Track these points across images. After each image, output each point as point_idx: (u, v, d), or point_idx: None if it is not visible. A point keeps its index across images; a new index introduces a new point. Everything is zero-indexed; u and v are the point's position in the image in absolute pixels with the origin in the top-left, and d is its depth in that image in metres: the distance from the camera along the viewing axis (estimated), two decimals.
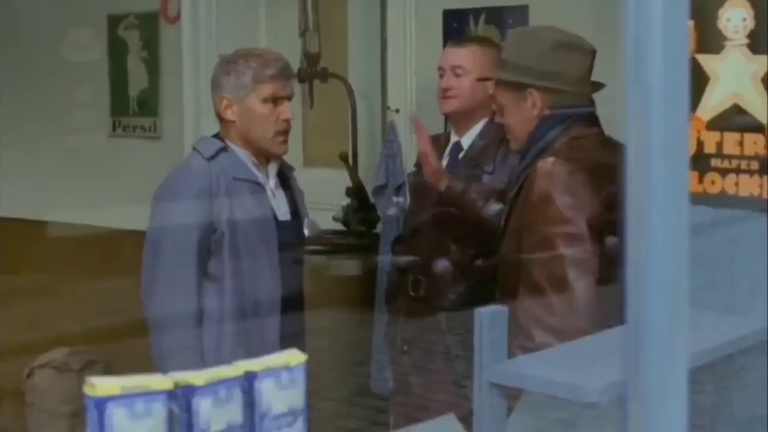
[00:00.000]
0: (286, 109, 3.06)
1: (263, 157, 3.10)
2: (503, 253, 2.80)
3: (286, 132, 3.08)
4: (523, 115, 2.79)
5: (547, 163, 2.63)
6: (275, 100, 3.05)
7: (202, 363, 2.89)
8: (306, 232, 3.21)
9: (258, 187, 3.06)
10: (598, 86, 2.84)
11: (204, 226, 2.96)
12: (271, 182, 3.12)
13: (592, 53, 2.80)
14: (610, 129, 2.81)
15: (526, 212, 2.65)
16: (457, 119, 3.44)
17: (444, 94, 3.41)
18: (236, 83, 3.04)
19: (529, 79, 2.77)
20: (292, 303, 3.09)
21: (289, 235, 3.12)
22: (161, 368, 2.98)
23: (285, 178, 3.19)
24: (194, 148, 3.12)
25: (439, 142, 3.47)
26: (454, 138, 3.45)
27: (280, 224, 3.08)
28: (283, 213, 3.12)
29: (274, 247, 3.04)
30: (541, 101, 2.76)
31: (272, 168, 3.13)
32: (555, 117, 2.75)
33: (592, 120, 2.81)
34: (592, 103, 2.84)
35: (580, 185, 2.59)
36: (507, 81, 2.82)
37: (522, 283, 2.61)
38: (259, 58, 3.08)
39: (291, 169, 3.28)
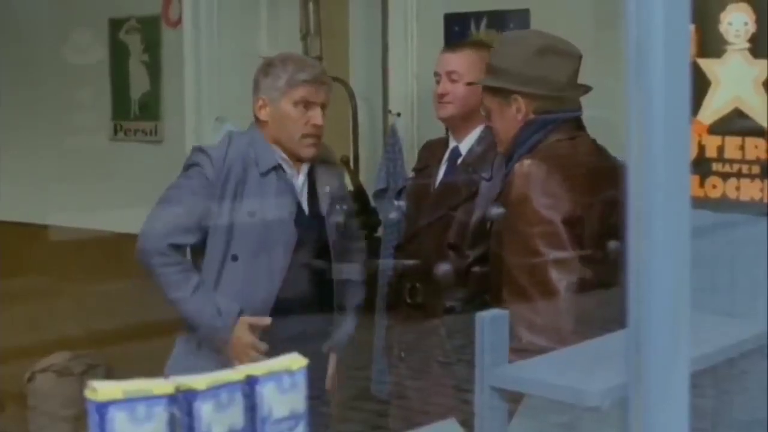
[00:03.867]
0: (316, 115, 3.12)
1: (292, 157, 3.16)
2: (490, 256, 2.83)
3: (314, 136, 3.14)
4: (508, 119, 2.83)
5: (524, 164, 2.67)
6: (306, 105, 3.12)
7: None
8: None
9: (285, 184, 3.13)
10: (584, 90, 2.86)
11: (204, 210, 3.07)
12: (300, 180, 3.17)
13: (578, 57, 2.83)
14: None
15: (506, 213, 2.69)
16: (455, 124, 3.45)
17: (440, 99, 3.42)
18: (272, 85, 3.13)
19: (513, 85, 2.81)
20: (308, 295, 3.15)
21: (309, 232, 3.17)
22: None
23: (313, 180, 3.22)
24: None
25: (438, 147, 3.49)
26: (452, 143, 3.46)
27: (304, 219, 3.15)
28: (307, 210, 3.19)
29: (293, 238, 3.10)
30: (526, 106, 2.80)
31: (303, 168, 3.19)
32: (539, 121, 2.79)
33: (578, 123, 2.84)
34: (578, 106, 2.86)
35: (558, 185, 2.62)
36: (493, 86, 2.85)
37: (505, 284, 2.64)
38: (296, 63, 3.18)
39: (333, 161, 3.35)
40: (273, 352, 1.14)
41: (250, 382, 1.05)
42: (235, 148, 3.10)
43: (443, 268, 3.28)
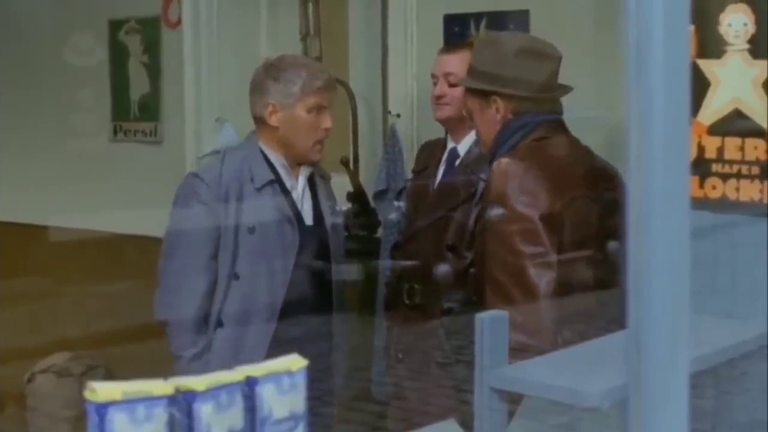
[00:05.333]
0: (327, 119, 3.16)
1: (295, 161, 3.17)
2: (475, 255, 2.85)
3: (323, 140, 3.17)
4: (488, 120, 2.86)
5: (501, 163, 2.70)
6: (319, 110, 3.14)
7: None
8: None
9: (284, 190, 3.15)
10: (564, 90, 2.87)
11: (212, 230, 3.07)
12: (300, 186, 3.18)
13: (558, 59, 2.86)
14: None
15: (485, 212, 2.71)
16: (452, 126, 3.45)
17: (437, 101, 3.43)
18: (284, 91, 3.13)
19: (491, 86, 2.83)
20: (310, 305, 3.16)
21: (311, 240, 3.18)
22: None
23: (313, 185, 3.25)
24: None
25: (436, 148, 3.50)
26: (450, 144, 3.46)
27: (305, 228, 3.15)
28: (307, 218, 3.21)
29: (294, 249, 3.11)
30: (505, 107, 2.83)
31: (303, 172, 3.20)
32: (517, 122, 2.81)
33: (559, 123, 2.85)
34: (559, 106, 2.88)
35: (535, 183, 2.65)
36: (473, 87, 2.87)
37: (486, 282, 2.65)
38: (307, 69, 3.18)
39: (327, 177, 3.36)
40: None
41: (250, 383, 1.05)
42: (229, 166, 3.10)
43: (442, 269, 3.28)
